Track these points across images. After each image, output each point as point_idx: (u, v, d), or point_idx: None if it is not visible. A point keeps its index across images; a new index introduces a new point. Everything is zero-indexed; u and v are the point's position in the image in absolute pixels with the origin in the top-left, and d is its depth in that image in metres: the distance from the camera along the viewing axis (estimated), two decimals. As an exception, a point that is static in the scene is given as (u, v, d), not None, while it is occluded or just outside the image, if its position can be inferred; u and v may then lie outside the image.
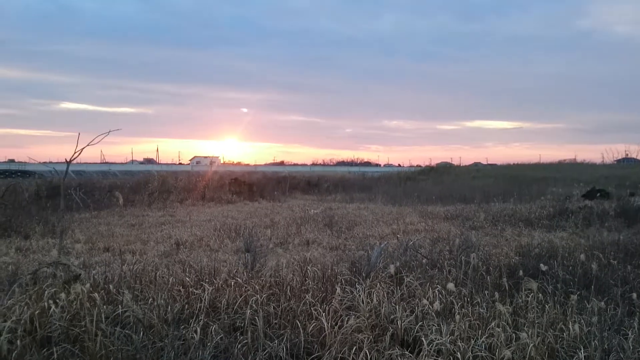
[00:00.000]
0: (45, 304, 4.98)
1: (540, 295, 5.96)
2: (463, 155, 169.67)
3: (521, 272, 6.77)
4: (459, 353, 4.56)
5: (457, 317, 5.15)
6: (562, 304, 5.91)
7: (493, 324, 5.07)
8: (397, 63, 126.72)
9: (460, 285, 6.59)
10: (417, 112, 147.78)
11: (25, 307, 4.96)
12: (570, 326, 5.06)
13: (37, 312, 4.80)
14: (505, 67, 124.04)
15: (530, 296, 5.81)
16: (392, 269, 6.43)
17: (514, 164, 56.45)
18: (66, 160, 9.34)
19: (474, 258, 6.99)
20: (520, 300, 5.94)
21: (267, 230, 14.69)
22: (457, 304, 5.71)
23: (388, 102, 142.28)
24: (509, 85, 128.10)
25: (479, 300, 5.92)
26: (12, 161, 67.48)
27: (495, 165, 64.21)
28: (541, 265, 7.07)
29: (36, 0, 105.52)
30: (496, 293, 5.87)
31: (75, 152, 9.15)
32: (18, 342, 4.38)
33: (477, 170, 51.13)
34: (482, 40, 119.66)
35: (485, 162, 77.49)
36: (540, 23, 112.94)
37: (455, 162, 76.93)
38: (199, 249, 11.79)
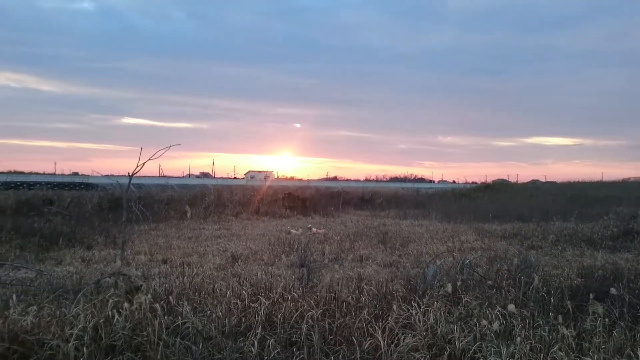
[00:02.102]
0: (109, 313, 5.15)
1: (606, 319, 5.72)
2: (520, 172, 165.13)
3: (586, 295, 6.52)
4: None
5: (518, 339, 5.00)
6: (630, 329, 5.64)
7: (556, 347, 4.90)
8: (451, 78, 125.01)
9: (520, 306, 6.41)
10: (473, 128, 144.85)
11: (90, 316, 5.14)
12: (640, 353, 4.83)
13: (101, 320, 4.97)
14: (565, 82, 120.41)
15: (597, 320, 5.57)
16: (449, 287, 6.32)
17: (574, 181, 54.49)
18: (128, 173, 9.65)
19: (536, 279, 6.77)
20: (586, 324, 5.70)
21: (321, 245, 14.71)
22: (518, 326, 5.55)
23: (442, 118, 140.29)
24: (569, 101, 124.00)
25: (540, 322, 5.73)
26: (76, 174, 70.31)
27: (554, 183, 62.11)
28: (612, 289, 6.77)
29: (100, 19, 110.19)
30: (559, 316, 5.67)
31: (137, 166, 9.46)
32: (84, 349, 4.55)
33: (536, 187, 49.67)
34: (540, 55, 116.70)
35: (543, 180, 75.12)
36: (602, 37, 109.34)
37: (512, 179, 74.69)
38: (254, 263, 11.91)
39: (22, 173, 61.69)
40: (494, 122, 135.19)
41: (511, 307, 5.49)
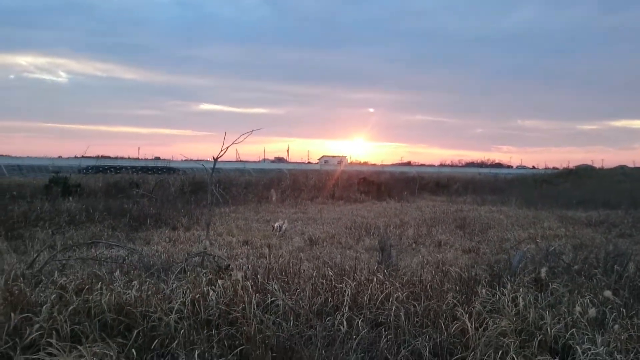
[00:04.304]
0: (204, 289, 5.41)
1: None
2: (606, 157, 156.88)
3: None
4: (617, 365, 4.30)
5: (616, 326, 4.84)
6: None
7: (656, 337, 4.70)
8: (532, 60, 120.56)
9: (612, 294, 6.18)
10: (555, 111, 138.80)
11: (188, 291, 5.43)
12: None
13: (197, 296, 5.24)
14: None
15: None
16: (542, 272, 6.17)
17: (667, 167, 51.20)
18: (213, 157, 10.01)
19: (631, 266, 6.50)
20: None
21: (398, 230, 14.68)
22: (611, 314, 5.37)
23: (522, 101, 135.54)
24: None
25: (635, 311, 5.51)
26: (157, 158, 73.08)
27: (644, 168, 58.51)
28: None
29: (180, 9, 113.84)
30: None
31: (221, 150, 9.80)
32: (184, 322, 4.82)
33: (623, 173, 47.06)
34: (628, 33, 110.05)
35: (632, 165, 70.92)
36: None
37: (597, 165, 70.92)
38: (332, 246, 12.06)
39: (109, 157, 64.95)
40: (577, 104, 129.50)
41: (607, 293, 5.31)
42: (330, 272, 6.54)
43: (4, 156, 55.01)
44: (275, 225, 13.94)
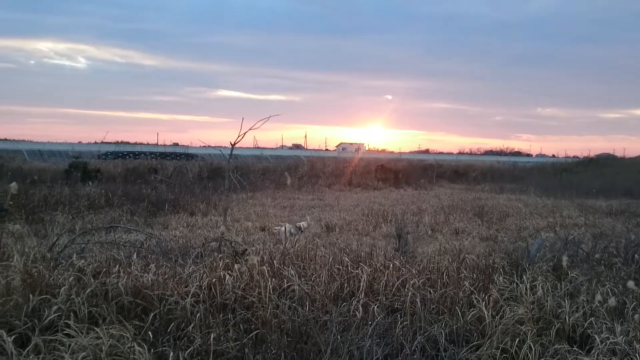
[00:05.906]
0: (221, 273, 5.44)
1: None
2: (628, 146, 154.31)
3: None
4: (637, 355, 4.24)
5: (636, 316, 4.77)
6: None
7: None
8: (554, 47, 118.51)
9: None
10: (576, 99, 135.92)
11: (204, 275, 5.46)
12: None
13: (214, 280, 5.27)
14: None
15: None
16: (563, 261, 6.10)
17: (691, 156, 50.20)
18: (231, 143, 10.00)
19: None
20: None
21: (415, 217, 14.61)
22: (631, 304, 5.30)
23: (543, 89, 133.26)
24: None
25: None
26: (176, 144, 73.30)
27: (667, 157, 57.41)
28: None
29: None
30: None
31: (238, 136, 9.79)
32: (200, 305, 4.85)
33: (646, 162, 46.31)
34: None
35: (655, 154, 69.46)
36: None
37: (619, 154, 69.64)
38: (348, 233, 12.06)
39: (128, 143, 65.27)
40: (599, 92, 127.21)
41: (630, 283, 5.23)
42: (346, 258, 6.52)
43: (25, 141, 55.56)
44: (302, 224, 12.02)
